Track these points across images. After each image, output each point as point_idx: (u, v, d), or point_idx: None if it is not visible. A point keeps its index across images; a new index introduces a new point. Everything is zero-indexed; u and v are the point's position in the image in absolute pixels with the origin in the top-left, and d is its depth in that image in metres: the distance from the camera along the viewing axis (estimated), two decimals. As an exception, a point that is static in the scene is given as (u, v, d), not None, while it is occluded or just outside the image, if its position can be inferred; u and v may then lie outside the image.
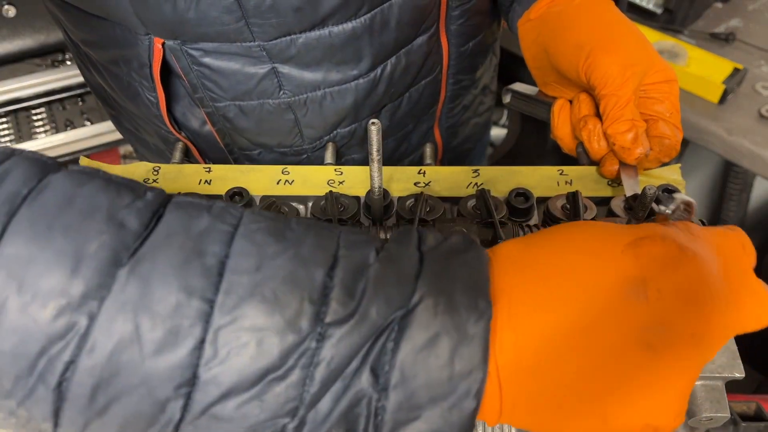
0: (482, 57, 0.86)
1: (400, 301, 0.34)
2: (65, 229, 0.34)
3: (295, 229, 0.37)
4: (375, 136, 0.47)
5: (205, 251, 0.35)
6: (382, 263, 0.36)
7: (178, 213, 0.36)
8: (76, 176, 0.37)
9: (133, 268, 0.33)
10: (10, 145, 1.83)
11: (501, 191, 0.62)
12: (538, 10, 0.70)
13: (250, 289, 0.34)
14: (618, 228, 0.39)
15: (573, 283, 0.36)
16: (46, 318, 0.32)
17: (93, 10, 0.65)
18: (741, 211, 1.60)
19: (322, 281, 0.35)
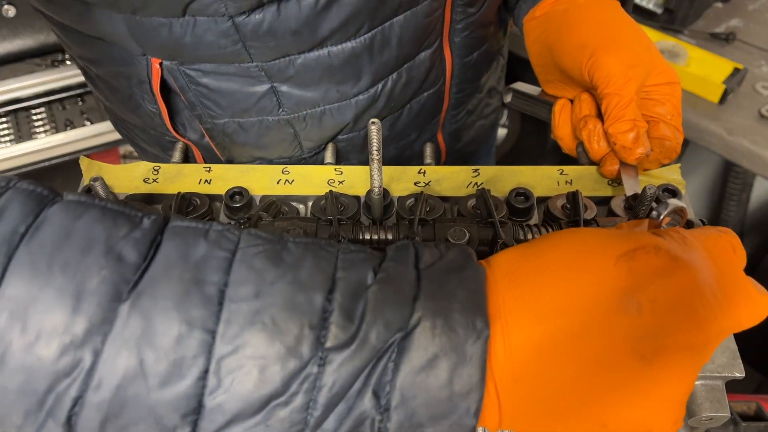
0: (487, 64, 0.85)
1: (399, 323, 0.35)
2: (64, 266, 0.34)
3: (293, 251, 0.38)
4: (375, 136, 0.47)
5: (204, 280, 0.35)
6: (380, 284, 0.36)
7: (175, 241, 0.37)
8: (72, 208, 0.37)
9: (135, 302, 0.34)
10: (10, 145, 1.81)
11: (501, 191, 0.62)
12: (543, 7, 0.70)
13: (250, 317, 0.34)
14: (610, 237, 0.39)
15: (566, 297, 0.36)
16: (51, 356, 0.33)
17: (90, 32, 0.64)
18: (741, 211, 1.60)
19: (321, 305, 0.35)
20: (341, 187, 0.63)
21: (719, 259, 0.39)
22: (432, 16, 0.67)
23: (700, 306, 0.35)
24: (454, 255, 0.39)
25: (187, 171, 0.65)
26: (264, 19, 0.58)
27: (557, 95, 0.71)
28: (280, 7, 0.57)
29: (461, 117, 0.87)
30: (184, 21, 0.58)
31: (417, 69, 0.72)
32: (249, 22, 0.58)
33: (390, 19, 0.64)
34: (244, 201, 0.60)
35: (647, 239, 0.38)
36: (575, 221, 0.52)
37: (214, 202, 0.62)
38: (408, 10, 0.65)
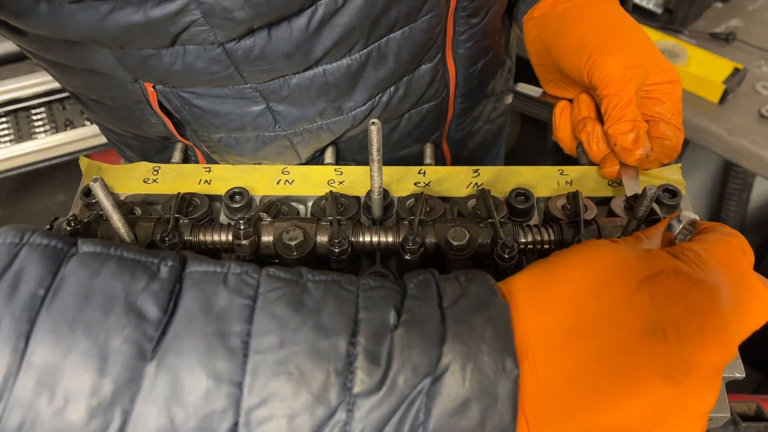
0: (493, 72, 0.83)
1: (426, 367, 0.35)
2: (87, 328, 0.34)
3: (312, 293, 0.38)
4: (375, 136, 0.47)
5: (227, 332, 0.35)
6: (406, 326, 0.36)
7: (195, 292, 0.37)
8: (89, 263, 0.37)
9: (161, 360, 0.34)
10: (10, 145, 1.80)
11: (501, 191, 0.62)
12: (542, 7, 0.70)
13: (275, 367, 0.35)
14: (630, 260, 0.39)
15: (590, 326, 0.37)
16: (80, 420, 0.33)
17: (79, 66, 0.63)
18: (741, 211, 1.60)
19: (345, 350, 0.35)
20: (341, 187, 0.63)
21: (733, 270, 0.39)
22: (431, 32, 0.66)
23: (723, 326, 0.36)
24: (477, 289, 0.39)
25: (186, 171, 0.65)
26: (255, 45, 0.57)
27: (557, 95, 0.71)
28: (270, 32, 0.56)
29: (467, 124, 0.85)
30: (173, 50, 0.57)
31: (416, 82, 0.71)
32: (239, 48, 0.57)
33: (386, 35, 0.63)
34: (244, 201, 0.60)
35: (666, 262, 0.38)
36: (575, 222, 0.52)
37: (214, 203, 0.62)
38: (405, 27, 0.63)
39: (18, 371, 0.33)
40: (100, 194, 0.47)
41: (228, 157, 0.75)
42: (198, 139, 0.72)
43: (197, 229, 0.53)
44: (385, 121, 0.74)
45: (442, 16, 0.66)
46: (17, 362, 0.33)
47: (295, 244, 0.50)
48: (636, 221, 0.49)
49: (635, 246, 0.42)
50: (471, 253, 0.50)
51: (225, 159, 0.75)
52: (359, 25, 0.59)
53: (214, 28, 0.53)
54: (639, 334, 0.36)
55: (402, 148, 0.80)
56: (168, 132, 0.73)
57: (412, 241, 0.50)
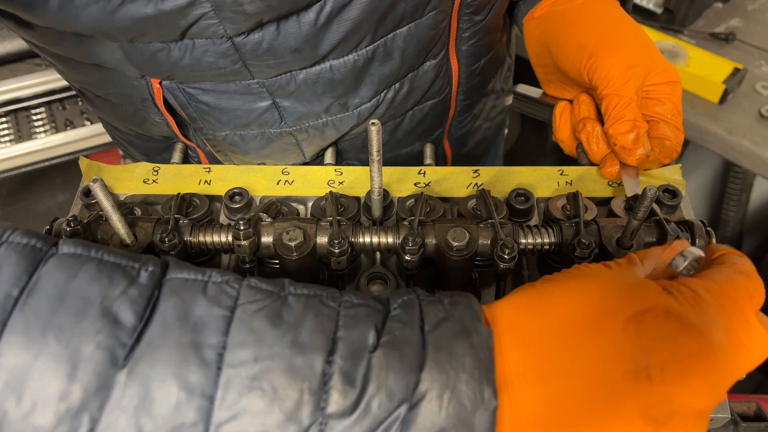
0: (494, 70, 0.83)
1: (403, 393, 0.34)
2: (59, 332, 0.34)
3: (293, 307, 0.37)
4: (375, 137, 0.47)
5: (202, 344, 0.35)
6: (384, 349, 0.36)
7: (173, 300, 0.36)
8: (67, 265, 0.36)
9: (132, 369, 0.34)
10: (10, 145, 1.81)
11: (501, 191, 0.62)
12: (542, 8, 0.70)
13: (248, 382, 0.34)
14: (620, 293, 0.38)
15: (572, 363, 0.36)
16: (47, 425, 0.32)
17: (86, 60, 0.63)
18: (741, 211, 1.60)
19: (321, 369, 0.35)
20: (341, 187, 0.63)
21: (732, 314, 0.38)
22: (437, 28, 0.66)
23: (711, 371, 0.35)
24: (461, 314, 0.38)
25: (186, 171, 0.65)
26: (263, 39, 0.57)
27: (557, 96, 0.71)
28: (279, 26, 0.56)
29: (468, 122, 0.85)
30: (182, 44, 0.57)
31: (420, 79, 0.71)
32: (248, 42, 0.57)
33: (392, 31, 0.63)
34: (243, 202, 0.60)
35: (657, 299, 0.37)
36: (576, 222, 0.52)
37: (214, 203, 0.62)
38: (411, 23, 0.63)
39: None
40: (100, 194, 0.47)
41: (232, 156, 0.75)
42: (203, 137, 0.72)
43: (197, 229, 0.53)
44: (389, 119, 0.74)
45: (447, 12, 0.66)
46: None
47: (295, 244, 0.50)
48: (636, 221, 0.49)
49: (628, 275, 0.41)
50: (471, 254, 0.50)
51: (229, 159, 0.75)
52: (367, 20, 0.59)
53: (224, 21, 0.54)
54: (623, 373, 0.35)
55: (405, 146, 0.80)
56: (171, 132, 0.73)
57: (412, 241, 0.50)
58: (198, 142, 0.76)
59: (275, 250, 0.51)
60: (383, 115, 0.72)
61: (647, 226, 0.52)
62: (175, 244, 0.51)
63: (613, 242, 0.51)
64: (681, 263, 0.42)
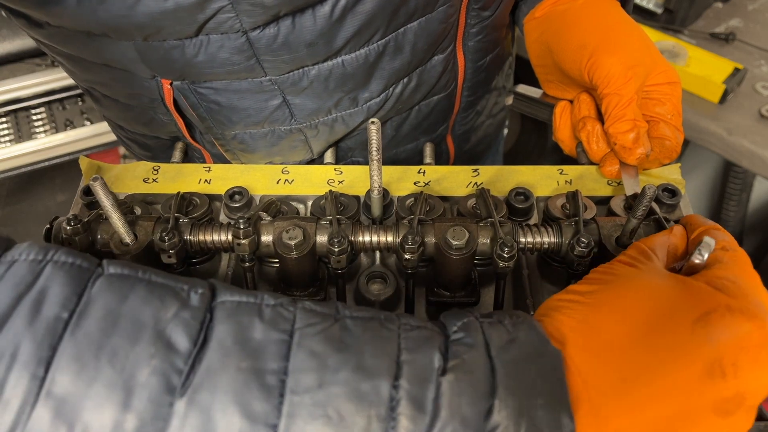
0: (499, 66, 0.84)
1: (476, 421, 0.33)
2: (112, 357, 0.32)
3: (352, 330, 0.36)
4: (374, 136, 0.47)
5: (263, 370, 0.33)
6: (455, 374, 0.34)
7: (229, 324, 0.35)
8: (116, 286, 0.35)
9: (192, 397, 0.32)
10: (10, 145, 1.80)
11: (501, 191, 0.62)
12: (543, 8, 0.70)
13: (313, 409, 0.33)
14: (679, 298, 0.38)
15: (649, 373, 0.36)
16: None
17: (96, 60, 0.63)
18: (741, 211, 1.60)
19: (388, 395, 0.33)
20: (341, 186, 0.63)
21: (762, 293, 0.40)
22: (446, 22, 0.67)
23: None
24: (526, 336, 0.37)
25: (186, 171, 0.65)
26: (279, 33, 0.57)
27: (557, 96, 0.71)
28: (294, 20, 0.57)
29: (471, 118, 0.86)
30: (196, 41, 0.57)
31: (428, 73, 0.71)
32: (263, 37, 0.57)
33: (404, 25, 0.63)
34: (243, 201, 0.60)
35: (717, 299, 0.38)
36: (575, 221, 0.52)
37: (214, 202, 0.62)
38: (422, 17, 0.64)
39: (36, 401, 0.31)
40: (100, 194, 0.47)
41: (241, 155, 0.75)
42: (212, 137, 0.72)
43: (197, 228, 0.53)
44: (396, 113, 0.75)
45: (457, 7, 0.67)
46: (35, 391, 0.31)
47: (294, 243, 0.50)
48: (635, 220, 0.49)
49: (664, 276, 0.41)
50: (470, 253, 0.50)
51: (237, 158, 0.75)
52: (380, 14, 0.59)
53: (241, 15, 0.54)
54: (699, 375, 0.35)
55: (410, 141, 0.81)
56: (178, 132, 0.73)
57: (411, 240, 0.50)
58: (204, 144, 0.76)
59: (275, 248, 0.51)
60: (391, 109, 0.73)
61: (646, 224, 0.52)
62: (174, 243, 0.51)
63: (613, 241, 0.51)
64: (705, 253, 0.42)
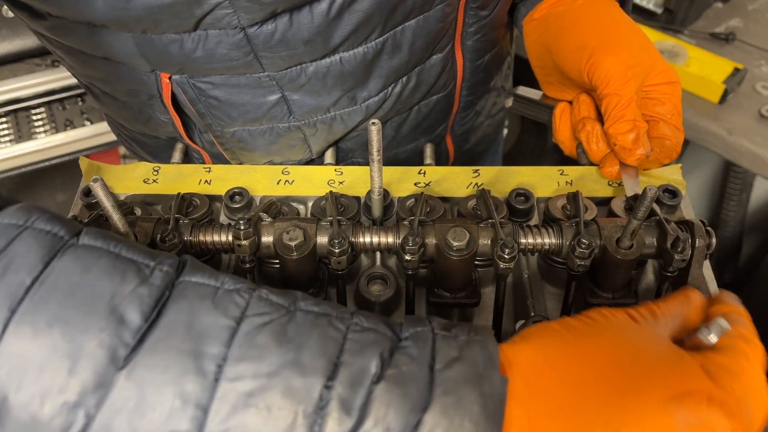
0: (497, 66, 0.84)
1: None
2: (65, 326, 0.34)
3: (300, 324, 0.37)
4: (375, 137, 0.47)
5: (203, 353, 0.34)
6: (388, 383, 0.34)
7: (181, 305, 0.36)
8: (84, 257, 0.36)
9: (131, 372, 0.34)
10: (10, 145, 1.80)
11: (501, 191, 0.62)
12: (542, 9, 0.70)
13: (244, 398, 0.34)
14: (665, 368, 0.36)
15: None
16: (44, 416, 0.33)
17: (96, 53, 0.63)
18: (741, 211, 1.60)
19: (318, 393, 0.34)
20: (341, 187, 0.63)
21: (760, 395, 0.38)
22: (444, 21, 0.67)
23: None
24: (474, 355, 0.36)
25: (187, 171, 0.65)
26: (276, 29, 0.57)
27: (557, 97, 0.71)
28: (292, 17, 0.57)
29: (470, 118, 0.86)
30: (195, 35, 0.57)
31: (427, 73, 0.71)
32: (261, 33, 0.57)
33: (402, 23, 0.63)
34: (244, 201, 0.60)
35: (701, 384, 0.36)
36: (575, 222, 0.52)
37: (214, 203, 0.62)
38: (420, 15, 0.64)
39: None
40: (100, 194, 0.47)
41: (240, 153, 0.75)
42: (212, 134, 0.72)
43: (197, 229, 0.53)
44: (396, 113, 0.75)
45: (455, 5, 0.67)
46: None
47: (295, 244, 0.50)
48: (636, 221, 0.49)
49: (660, 340, 0.39)
50: (471, 254, 0.50)
51: (237, 157, 0.75)
52: (378, 11, 0.59)
53: (239, 11, 0.54)
54: None
55: (410, 141, 0.81)
56: (176, 132, 0.73)
57: (412, 241, 0.50)
58: (203, 144, 0.76)
59: (275, 249, 0.51)
60: (390, 109, 0.73)
61: (647, 225, 0.52)
62: (175, 244, 0.51)
63: (614, 242, 0.51)
64: (709, 337, 0.40)
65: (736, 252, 1.68)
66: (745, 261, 1.71)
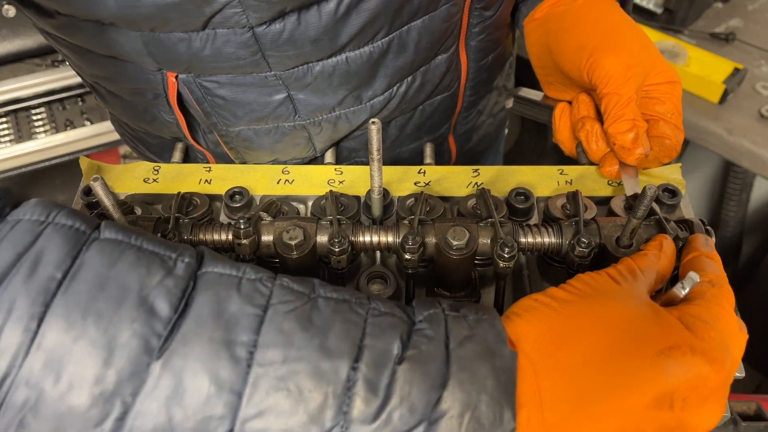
0: (500, 66, 0.84)
1: (423, 409, 0.36)
2: (98, 317, 0.35)
3: (323, 310, 0.39)
4: (375, 136, 0.47)
5: (234, 341, 0.36)
6: (410, 363, 0.37)
7: (208, 294, 0.38)
8: (108, 251, 0.38)
9: (167, 361, 0.35)
10: (10, 145, 1.80)
11: (501, 191, 0.62)
12: (542, 9, 0.70)
13: (276, 382, 0.35)
14: (646, 327, 0.40)
15: (604, 397, 0.38)
16: (82, 406, 0.34)
17: (103, 52, 0.63)
18: (741, 211, 1.60)
19: (346, 375, 0.36)
20: (341, 187, 0.63)
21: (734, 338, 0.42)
22: (450, 21, 0.67)
23: (724, 396, 0.39)
24: (484, 332, 0.39)
25: (187, 171, 0.65)
26: (284, 29, 0.57)
27: (557, 97, 0.71)
28: (300, 16, 0.57)
29: (472, 117, 0.86)
30: (203, 34, 0.57)
31: (432, 73, 0.72)
32: (269, 32, 0.57)
33: (408, 23, 0.64)
34: (244, 201, 0.60)
35: (683, 337, 0.39)
36: (575, 221, 0.52)
37: (214, 202, 0.62)
38: (426, 15, 0.64)
39: (28, 351, 0.34)
40: (101, 193, 0.47)
41: (245, 153, 0.75)
42: (217, 133, 0.72)
43: (197, 228, 0.53)
44: (401, 113, 0.75)
45: (460, 5, 0.67)
46: (28, 342, 0.34)
47: (295, 243, 0.50)
48: (636, 220, 0.49)
49: (642, 299, 0.42)
50: (471, 253, 0.50)
51: (241, 156, 0.76)
52: (384, 11, 0.60)
53: (248, 10, 0.54)
54: (648, 403, 0.37)
55: (414, 140, 0.81)
56: (180, 133, 0.73)
57: (412, 240, 0.50)
58: (207, 145, 0.76)
59: (275, 248, 0.51)
60: (395, 109, 0.73)
61: (647, 225, 0.52)
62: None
63: (613, 241, 0.51)
64: (682, 292, 0.44)
65: (736, 252, 1.68)
66: (745, 261, 1.71)
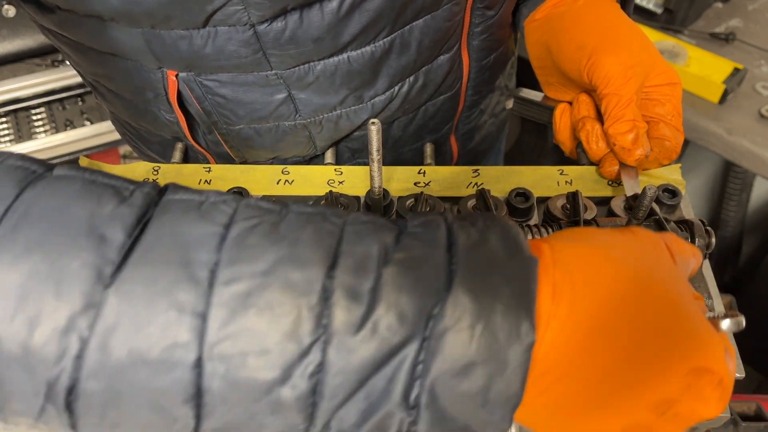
0: (502, 66, 0.84)
1: (415, 319, 0.32)
2: (44, 249, 0.32)
3: (292, 222, 0.35)
4: (375, 136, 0.47)
5: (193, 261, 0.33)
6: (399, 267, 0.33)
7: (165, 218, 0.35)
8: (55, 186, 0.35)
9: (118, 288, 0.32)
10: (10, 145, 1.80)
11: (501, 191, 0.62)
12: (543, 10, 0.70)
13: (242, 299, 0.32)
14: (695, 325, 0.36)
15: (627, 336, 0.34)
16: (36, 344, 0.31)
17: (104, 49, 0.63)
18: (741, 211, 1.60)
19: (321, 284, 0.32)
20: (341, 187, 0.63)
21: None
22: (452, 21, 0.67)
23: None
24: (497, 239, 0.34)
25: (187, 171, 0.65)
26: (286, 27, 0.57)
27: (558, 98, 0.71)
28: (302, 15, 0.57)
29: (474, 117, 0.86)
30: (204, 32, 0.57)
31: (434, 73, 0.72)
32: (270, 31, 0.57)
33: (410, 23, 0.63)
34: (244, 201, 0.60)
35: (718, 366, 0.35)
36: (575, 221, 0.52)
37: (214, 203, 0.62)
38: (428, 14, 0.64)
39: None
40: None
41: (245, 151, 0.75)
42: (217, 132, 0.72)
43: (197, 229, 0.53)
44: (403, 113, 0.75)
45: (463, 5, 0.67)
46: None
47: (295, 244, 0.50)
48: (636, 221, 0.49)
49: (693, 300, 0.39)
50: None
51: (242, 154, 0.76)
52: (387, 10, 0.59)
53: (249, 7, 0.54)
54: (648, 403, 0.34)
55: (416, 140, 0.81)
56: (180, 133, 0.73)
57: (411, 241, 0.50)
58: (207, 145, 0.76)
59: (275, 249, 0.51)
60: (398, 109, 0.73)
61: (647, 225, 0.52)
62: (175, 243, 0.51)
63: (613, 242, 0.51)
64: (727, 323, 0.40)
65: (736, 252, 1.68)
66: (745, 261, 1.71)
